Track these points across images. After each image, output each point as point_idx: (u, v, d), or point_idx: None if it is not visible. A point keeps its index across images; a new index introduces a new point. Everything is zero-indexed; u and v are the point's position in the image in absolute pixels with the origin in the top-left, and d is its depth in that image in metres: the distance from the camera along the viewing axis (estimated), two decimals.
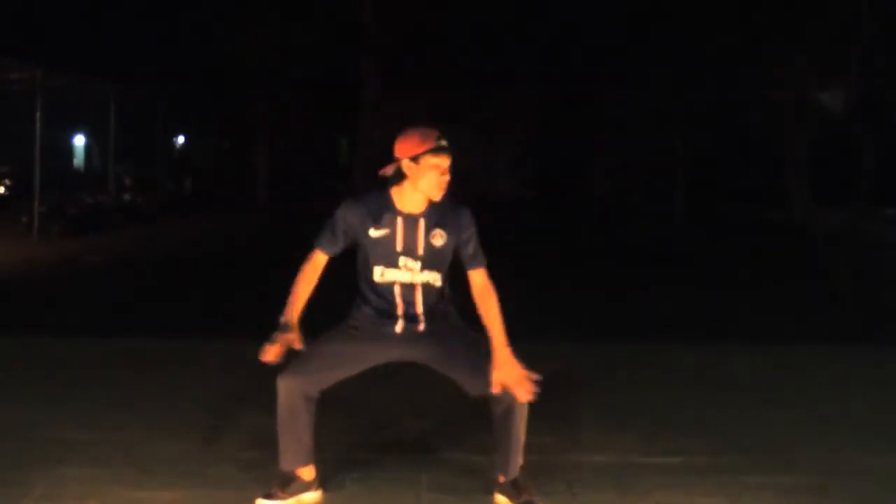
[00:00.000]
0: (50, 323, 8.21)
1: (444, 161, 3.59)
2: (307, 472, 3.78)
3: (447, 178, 3.62)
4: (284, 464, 3.76)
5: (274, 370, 3.71)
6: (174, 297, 10.25)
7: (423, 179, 3.59)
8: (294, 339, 3.59)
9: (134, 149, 26.71)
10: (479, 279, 3.75)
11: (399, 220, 3.65)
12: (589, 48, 25.02)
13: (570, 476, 4.13)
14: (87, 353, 6.57)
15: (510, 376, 3.54)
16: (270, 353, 3.58)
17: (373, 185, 3.78)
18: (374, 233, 3.63)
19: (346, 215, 3.66)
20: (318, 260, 3.71)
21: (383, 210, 3.65)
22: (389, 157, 3.66)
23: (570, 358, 6.66)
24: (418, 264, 3.65)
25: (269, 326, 3.68)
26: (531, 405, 3.64)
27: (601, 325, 8.63)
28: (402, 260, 3.64)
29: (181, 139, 35.83)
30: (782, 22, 20.76)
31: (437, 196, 3.62)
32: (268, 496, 3.72)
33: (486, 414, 3.76)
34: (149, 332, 7.58)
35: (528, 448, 4.46)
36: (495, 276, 3.77)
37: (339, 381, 3.73)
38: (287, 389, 3.66)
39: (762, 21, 20.98)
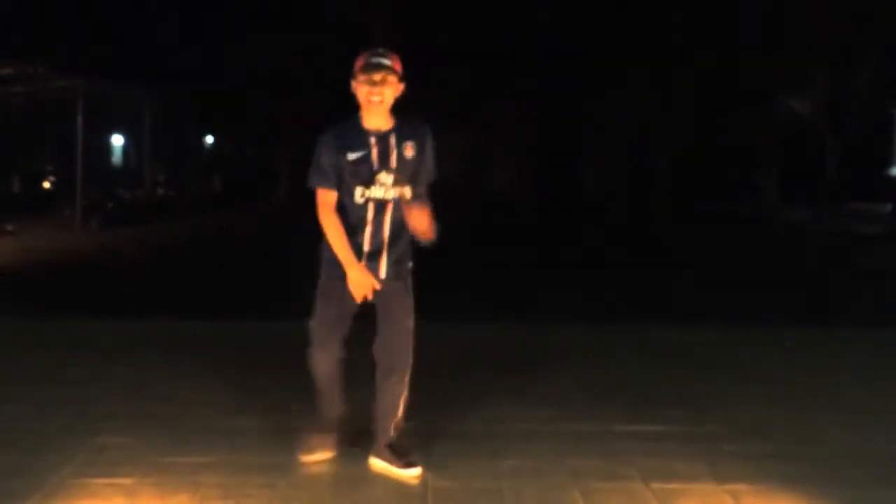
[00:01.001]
0: (93, 307, 8.22)
1: (375, 75, 3.53)
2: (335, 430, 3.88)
3: (378, 90, 3.53)
4: (329, 412, 3.85)
5: (292, 349, 3.72)
6: (205, 283, 10.27)
7: (359, 94, 3.58)
8: (370, 283, 3.60)
9: (167, 149, 26.74)
10: (421, 189, 3.73)
11: (372, 140, 3.59)
12: (578, 58, 24.96)
13: (560, 443, 4.14)
14: (124, 334, 6.58)
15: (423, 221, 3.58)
16: (369, 289, 3.60)
17: None
18: (350, 156, 3.57)
19: (325, 149, 3.59)
20: (329, 197, 3.61)
21: (355, 133, 3.60)
22: None
23: (558, 338, 6.68)
24: (391, 178, 3.59)
25: (289, 309, 3.70)
26: (514, 383, 3.64)
27: (588, 308, 8.63)
28: (378, 176, 3.58)
29: (210, 140, 35.84)
30: (755, 33, 20.71)
31: (369, 110, 3.58)
32: (306, 451, 3.82)
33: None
34: (182, 315, 7.59)
35: (523, 418, 4.50)
36: (492, 266, 3.77)
37: (349, 330, 3.76)
38: (322, 359, 3.74)
39: (737, 33, 20.94)
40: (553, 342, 6.50)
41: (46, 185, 24.82)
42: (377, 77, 3.54)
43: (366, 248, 3.64)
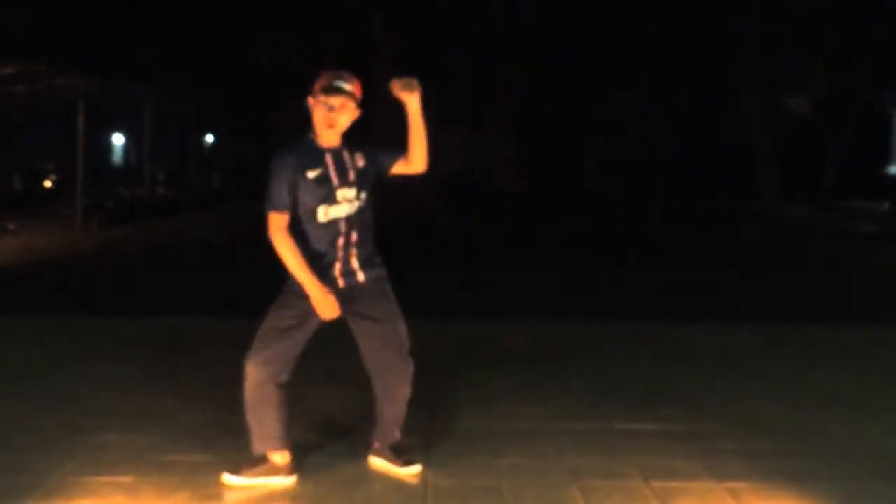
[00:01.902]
0: (93, 304, 8.21)
1: (334, 101, 3.47)
2: (279, 457, 3.63)
3: (334, 116, 3.49)
4: (255, 446, 3.61)
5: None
6: (205, 281, 10.25)
7: (316, 115, 3.51)
8: (333, 303, 3.49)
9: (167, 148, 26.75)
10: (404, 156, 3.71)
11: (328, 156, 3.53)
12: (579, 55, 24.97)
13: (560, 441, 4.13)
14: (127, 332, 6.58)
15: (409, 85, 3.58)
16: (336, 312, 3.52)
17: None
18: (311, 174, 3.47)
19: (285, 165, 3.47)
20: (283, 221, 3.47)
21: (311, 151, 3.53)
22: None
23: (558, 336, 6.67)
24: (353, 191, 3.53)
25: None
26: (517, 384, 3.63)
27: (587, 306, 8.62)
28: (340, 193, 3.51)
29: (210, 139, 35.84)
30: (754, 31, 20.72)
31: (323, 131, 3.52)
32: (234, 472, 3.60)
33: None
34: (182, 312, 7.58)
35: (522, 417, 4.50)
36: (490, 260, 3.75)
37: (299, 353, 3.60)
38: (256, 376, 3.53)
39: (735, 30, 20.94)
40: (553, 340, 6.49)
41: (47, 184, 24.82)
42: (336, 102, 3.49)
43: (338, 265, 3.55)
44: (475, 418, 4.48)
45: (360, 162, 3.60)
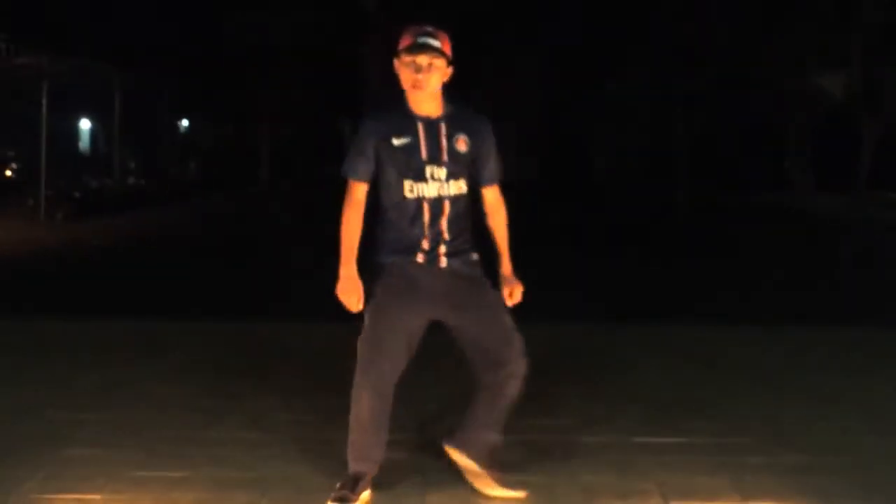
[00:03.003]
0: (55, 304, 8.21)
1: (421, 59, 3.41)
2: (373, 471, 3.61)
3: (423, 75, 3.42)
4: (361, 466, 3.55)
5: (275, 351, 3.69)
6: (177, 279, 10.25)
7: (402, 76, 3.46)
8: (358, 296, 3.46)
9: (139, 133, 26.71)
10: (493, 195, 3.68)
11: (420, 126, 3.47)
12: (591, 30, 24.93)
13: (572, 455, 4.12)
14: (92, 335, 6.57)
15: (516, 290, 3.62)
16: (354, 307, 3.48)
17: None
18: (396, 141, 3.45)
19: (369, 131, 3.48)
20: (359, 192, 3.49)
21: (402, 117, 3.49)
22: None
23: (571, 339, 6.66)
24: (444, 171, 3.47)
25: (275, 307, 3.65)
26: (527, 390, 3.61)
27: (601, 308, 8.62)
28: (429, 169, 3.45)
29: (185, 123, 35.81)
30: (784, 7, 20.67)
31: (413, 95, 3.48)
32: (341, 499, 3.48)
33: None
34: (153, 313, 7.58)
35: (531, 428, 4.49)
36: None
37: (408, 357, 3.53)
38: (369, 401, 3.47)
39: (764, 5, 20.90)
40: (563, 344, 6.48)
41: (8, 173, 24.78)
42: (423, 61, 3.43)
43: (424, 246, 3.49)
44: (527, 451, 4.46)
45: (462, 146, 3.52)
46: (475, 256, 3.61)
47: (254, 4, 25.91)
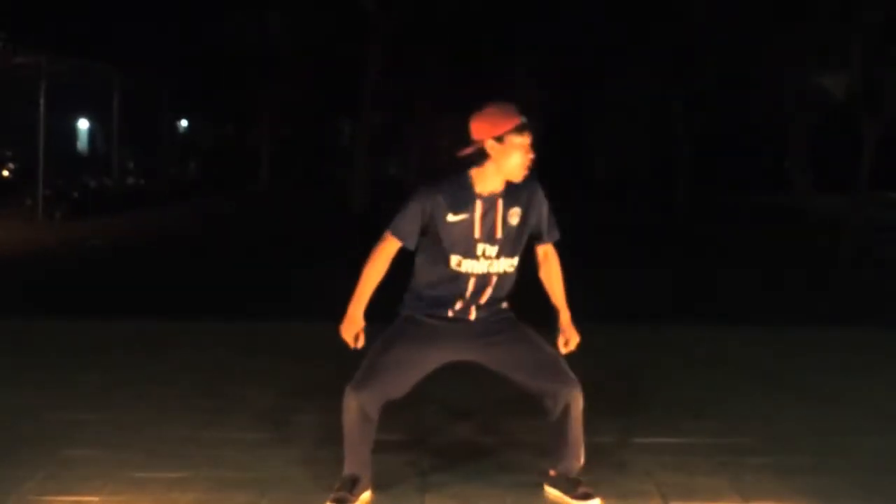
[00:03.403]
0: (54, 304, 8.21)
1: (529, 139, 3.45)
2: (367, 474, 3.64)
3: (531, 156, 3.48)
4: (352, 468, 3.57)
5: (275, 351, 3.70)
6: (177, 279, 10.25)
7: (508, 160, 3.43)
8: (359, 336, 3.50)
9: (138, 133, 26.69)
10: (545, 250, 3.71)
11: (478, 204, 3.46)
12: (590, 31, 24.91)
13: None
14: (90, 335, 6.57)
15: (572, 339, 3.72)
16: (353, 344, 3.51)
17: (374, 167, 3.64)
18: (451, 218, 3.43)
19: (424, 203, 3.44)
20: (391, 247, 3.48)
21: (462, 194, 3.46)
22: (389, 140, 3.56)
23: None
24: (496, 249, 3.48)
25: (272, 309, 3.66)
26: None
27: (600, 308, 8.62)
28: (481, 247, 3.46)
29: (184, 123, 35.81)
30: (783, 5, 20.66)
31: (521, 177, 3.48)
32: (340, 500, 3.50)
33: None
34: (152, 314, 7.58)
35: (530, 429, 4.48)
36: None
37: (404, 390, 3.56)
38: (356, 405, 3.48)
39: (762, 4, 20.88)
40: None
41: (6, 173, 24.77)
42: (529, 141, 3.46)
43: (457, 307, 3.53)
44: (477, 431, 4.47)
45: (514, 219, 3.52)
46: (505, 305, 3.66)
47: (254, 4, 25.90)
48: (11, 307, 7.92)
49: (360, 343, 3.52)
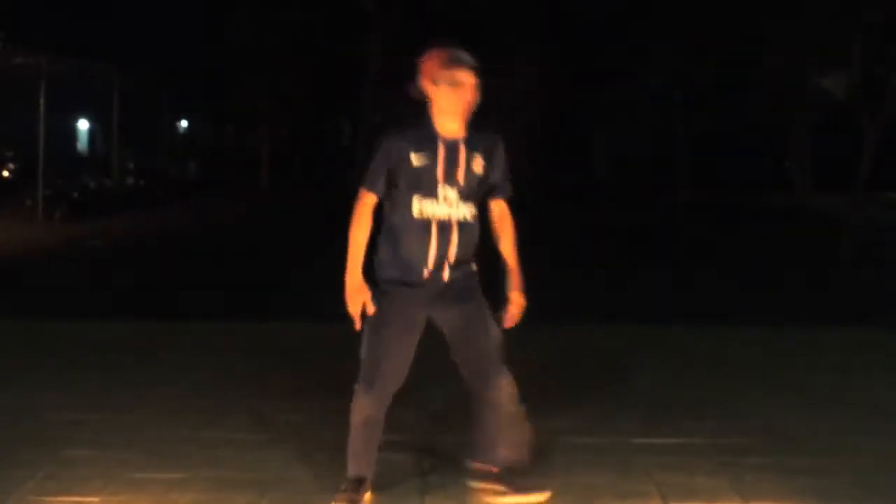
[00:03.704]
0: (53, 306, 8.21)
1: (468, 77, 3.41)
2: (371, 474, 3.64)
3: (470, 98, 3.44)
4: (359, 469, 3.57)
5: (275, 351, 3.69)
6: (176, 279, 10.25)
7: (443, 99, 3.43)
8: (367, 302, 3.45)
9: (138, 133, 26.70)
10: (500, 208, 3.67)
11: (441, 147, 3.45)
12: (590, 28, 24.92)
13: (571, 457, 4.12)
14: (91, 336, 6.57)
15: (518, 306, 3.63)
16: (357, 319, 3.46)
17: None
18: (415, 160, 3.42)
19: (389, 148, 3.45)
20: (369, 202, 3.48)
21: (425, 137, 3.46)
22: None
23: (569, 341, 6.66)
24: (457, 195, 3.46)
25: (273, 309, 3.65)
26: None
27: (601, 309, 8.62)
28: (442, 190, 3.44)
29: (184, 124, 35.82)
30: (782, 6, 20.66)
31: (459, 119, 3.46)
32: (349, 501, 3.50)
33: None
34: (151, 315, 7.58)
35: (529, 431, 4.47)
36: (497, 262, 3.73)
37: (405, 375, 3.54)
38: (367, 404, 3.50)
39: (762, 3, 20.88)
40: (561, 345, 6.48)
41: (6, 173, 24.77)
42: (471, 80, 3.43)
43: (428, 266, 3.47)
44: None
45: (478, 167, 3.51)
46: (474, 267, 3.63)
47: (254, 4, 25.91)
48: (11, 307, 7.92)
49: (371, 309, 3.47)
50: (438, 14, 23.73)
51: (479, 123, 3.57)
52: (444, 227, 3.46)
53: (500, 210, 3.68)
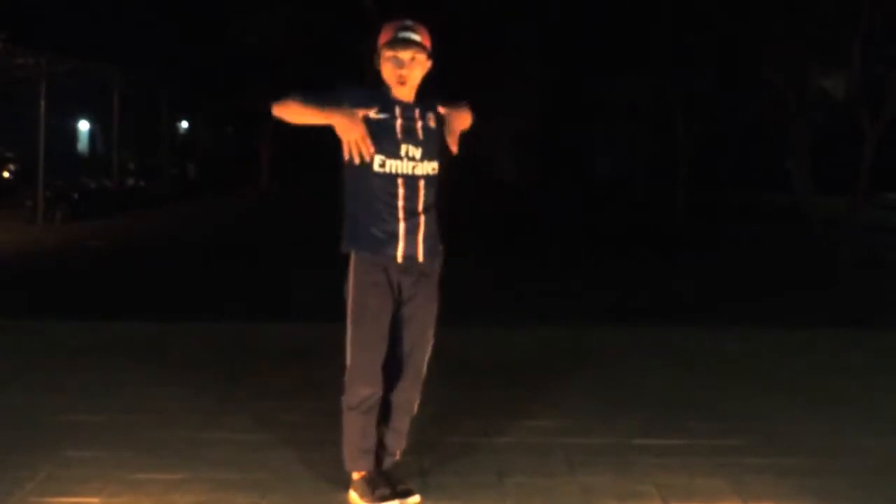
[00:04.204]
0: (52, 306, 8.21)
1: (404, 54, 3.46)
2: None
3: (406, 71, 3.47)
4: (366, 463, 3.58)
5: (275, 352, 3.68)
6: (176, 279, 10.25)
7: (384, 71, 3.50)
8: (361, 132, 3.39)
9: (138, 134, 26.73)
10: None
11: (397, 108, 3.50)
12: (591, 31, 24.93)
13: (571, 457, 4.12)
14: (90, 337, 6.56)
15: (462, 123, 3.62)
16: (362, 135, 3.39)
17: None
18: (373, 115, 3.44)
19: (351, 95, 3.47)
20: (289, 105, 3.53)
21: (381, 97, 3.51)
22: None
23: (569, 341, 6.66)
24: (419, 151, 3.48)
25: (270, 309, 3.65)
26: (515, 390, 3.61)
27: (601, 309, 8.62)
28: (404, 147, 3.46)
29: (185, 125, 35.82)
30: (782, 6, 20.68)
31: (395, 88, 3.50)
32: (384, 498, 3.50)
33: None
34: (150, 315, 7.58)
35: (530, 431, 4.49)
36: (491, 264, 3.73)
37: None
38: (364, 396, 3.50)
39: (762, 6, 20.90)
40: (562, 346, 6.48)
41: (6, 173, 24.80)
42: (405, 56, 3.47)
43: (402, 238, 3.46)
44: (477, 432, 4.47)
45: (431, 122, 3.56)
46: (441, 248, 3.65)
47: (254, 4, 25.91)
48: (11, 308, 7.92)
49: (367, 144, 3.40)
50: (439, 15, 23.75)
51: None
52: (411, 183, 3.48)
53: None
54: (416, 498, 3.57)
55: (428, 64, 3.55)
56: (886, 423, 4.75)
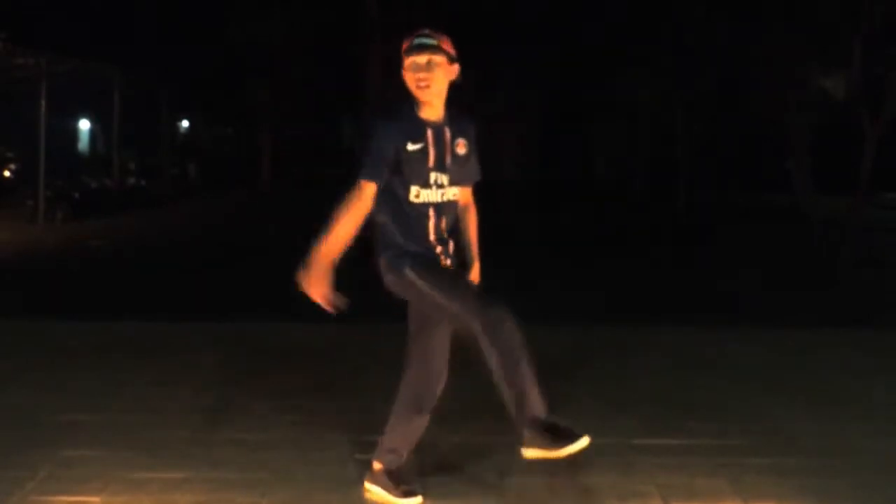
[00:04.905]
0: (53, 306, 8.21)
1: (420, 58, 3.43)
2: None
3: (424, 73, 3.43)
4: (400, 455, 3.68)
5: (275, 351, 3.69)
6: (176, 280, 10.25)
7: (408, 80, 3.46)
8: (323, 293, 3.33)
9: (138, 134, 26.72)
10: (466, 194, 3.70)
11: (429, 132, 3.47)
12: (592, 32, 24.93)
13: (571, 457, 4.11)
14: (90, 337, 6.57)
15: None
16: (320, 298, 3.35)
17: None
18: (411, 147, 3.42)
19: (388, 135, 3.43)
20: (368, 193, 3.40)
21: (414, 122, 3.48)
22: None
23: (570, 341, 6.66)
24: (447, 177, 3.49)
25: (271, 309, 3.64)
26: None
27: (602, 309, 8.62)
28: (433, 175, 3.46)
29: (185, 124, 35.83)
30: (782, 6, 20.67)
31: (418, 95, 3.47)
32: (407, 494, 3.58)
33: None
34: (152, 316, 7.57)
35: None
36: (496, 262, 3.74)
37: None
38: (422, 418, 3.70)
39: (762, 5, 20.89)
40: (562, 345, 6.48)
41: (6, 173, 24.80)
42: (422, 60, 3.44)
43: (432, 242, 3.49)
44: (478, 432, 4.47)
45: (462, 149, 3.55)
46: (451, 247, 3.65)
47: (255, 5, 25.91)
48: (12, 308, 7.92)
49: (334, 303, 3.34)
50: (439, 14, 23.76)
51: (453, 106, 3.59)
52: (439, 210, 3.50)
53: (465, 197, 3.70)
54: (419, 499, 3.57)
55: (451, 69, 3.50)
56: (887, 423, 4.74)
